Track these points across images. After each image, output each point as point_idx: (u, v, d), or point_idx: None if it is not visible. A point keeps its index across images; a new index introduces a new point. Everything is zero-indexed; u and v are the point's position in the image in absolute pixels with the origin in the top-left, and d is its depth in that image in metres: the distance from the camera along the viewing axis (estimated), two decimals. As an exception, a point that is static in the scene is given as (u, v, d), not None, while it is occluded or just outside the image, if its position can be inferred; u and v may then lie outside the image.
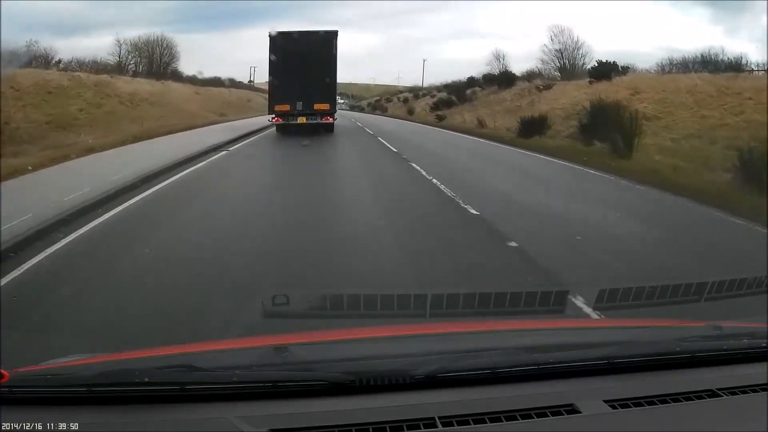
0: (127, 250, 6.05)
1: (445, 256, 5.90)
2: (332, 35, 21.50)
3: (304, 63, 20.43)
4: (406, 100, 53.35)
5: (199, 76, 41.23)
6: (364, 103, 66.85)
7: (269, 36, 21.34)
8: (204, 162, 13.81)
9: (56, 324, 3.98)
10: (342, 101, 68.02)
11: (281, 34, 21.49)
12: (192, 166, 12.85)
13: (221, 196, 9.80)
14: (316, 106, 20.89)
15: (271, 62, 21.34)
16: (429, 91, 50.35)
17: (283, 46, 20.99)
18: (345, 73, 53.15)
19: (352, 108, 64.70)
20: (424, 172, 11.83)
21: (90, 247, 6.30)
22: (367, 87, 68.74)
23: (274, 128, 21.88)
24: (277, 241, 6.32)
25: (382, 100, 62.37)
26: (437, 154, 16.46)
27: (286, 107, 20.80)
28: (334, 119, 21.71)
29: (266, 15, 72.04)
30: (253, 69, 59.41)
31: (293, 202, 8.70)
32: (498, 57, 40.59)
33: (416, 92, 53.71)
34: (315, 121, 21.02)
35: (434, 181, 10.71)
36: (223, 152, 16.08)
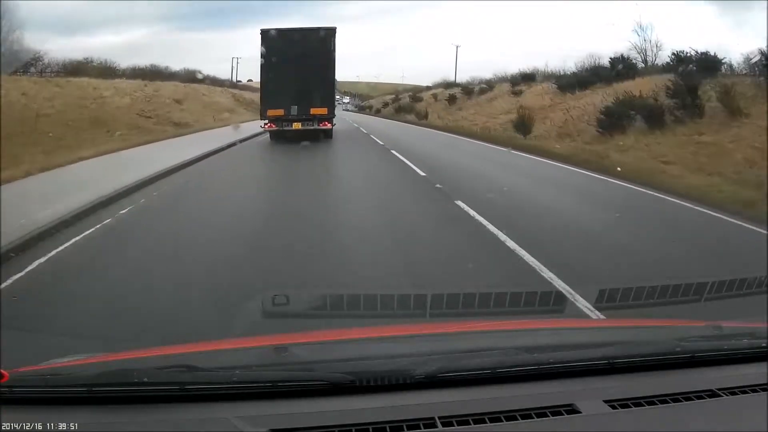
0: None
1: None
2: (331, 32, 19.43)
3: (299, 63, 18.53)
4: (452, 99, 36.59)
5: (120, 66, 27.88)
6: (376, 103, 53.97)
7: (261, 33, 19.04)
8: None
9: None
10: (347, 101, 57.62)
11: (274, 31, 19.18)
12: None
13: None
14: (313, 111, 18.95)
15: (262, 62, 19.10)
16: (489, 85, 34.76)
17: (277, 44, 18.92)
18: (346, 72, 49.84)
19: (361, 110, 53.91)
20: None
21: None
22: (373, 85, 62.87)
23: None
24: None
25: (404, 99, 45.81)
26: None
27: (280, 112, 18.84)
28: (332, 125, 19.69)
29: (268, 13, 71.71)
30: (236, 61, 50.45)
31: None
32: (642, 28, 25.95)
33: (467, 88, 36.75)
34: (311, 127, 19.01)
35: None
36: None
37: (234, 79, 42.77)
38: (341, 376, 1.52)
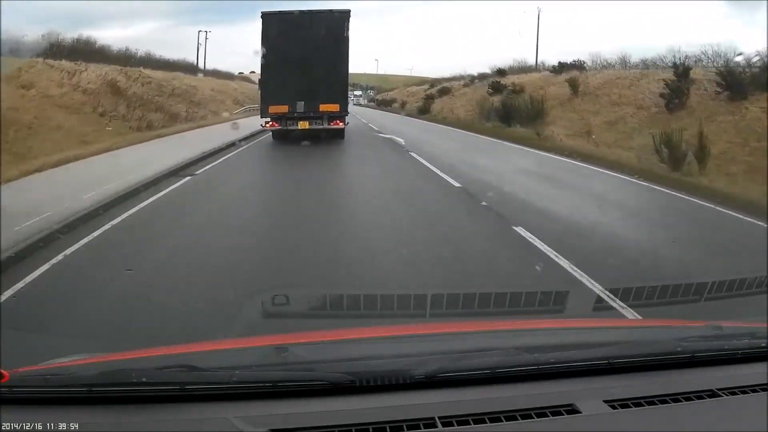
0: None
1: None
2: (344, 16, 16.91)
3: (307, 51, 16.07)
4: (678, 93, 17.58)
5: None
6: (405, 97, 43.93)
7: (262, 16, 16.55)
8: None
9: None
10: (359, 93, 52.86)
11: (277, 14, 16.75)
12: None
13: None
14: (323, 107, 16.53)
15: (264, 50, 16.64)
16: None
17: (280, 29, 16.45)
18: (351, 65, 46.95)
19: (380, 105, 45.41)
20: None
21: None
22: (384, 77, 55.07)
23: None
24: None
25: (458, 89, 34.26)
26: None
27: (284, 108, 16.46)
28: (345, 123, 17.27)
29: (279, 7, 70.78)
30: (205, 34, 44.96)
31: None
32: None
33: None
34: (320, 126, 16.70)
35: None
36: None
37: (200, 63, 36.66)
38: (341, 376, 1.52)
